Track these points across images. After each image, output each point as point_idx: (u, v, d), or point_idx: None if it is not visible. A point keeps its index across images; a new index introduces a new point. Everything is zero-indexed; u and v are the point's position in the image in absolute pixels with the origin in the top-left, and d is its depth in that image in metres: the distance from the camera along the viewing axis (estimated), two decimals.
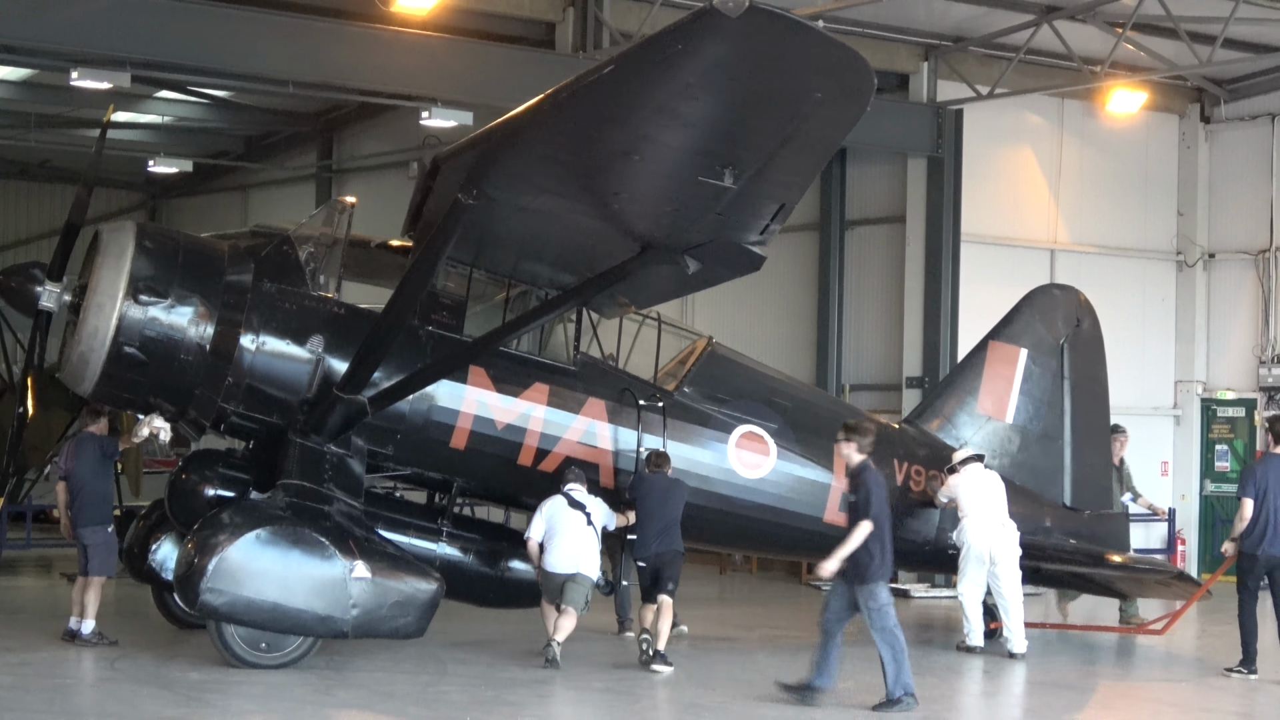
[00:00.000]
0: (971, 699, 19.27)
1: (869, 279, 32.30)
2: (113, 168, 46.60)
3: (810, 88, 15.03)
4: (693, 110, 15.31)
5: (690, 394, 21.28)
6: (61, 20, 25.36)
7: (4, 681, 17.13)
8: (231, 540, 17.33)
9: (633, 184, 16.97)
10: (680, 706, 17.09)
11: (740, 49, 14.31)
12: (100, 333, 18.06)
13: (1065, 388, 24.04)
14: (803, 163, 16.59)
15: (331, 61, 28.10)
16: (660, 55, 14.62)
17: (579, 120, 15.92)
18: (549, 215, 18.16)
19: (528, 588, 20.34)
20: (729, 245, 18.16)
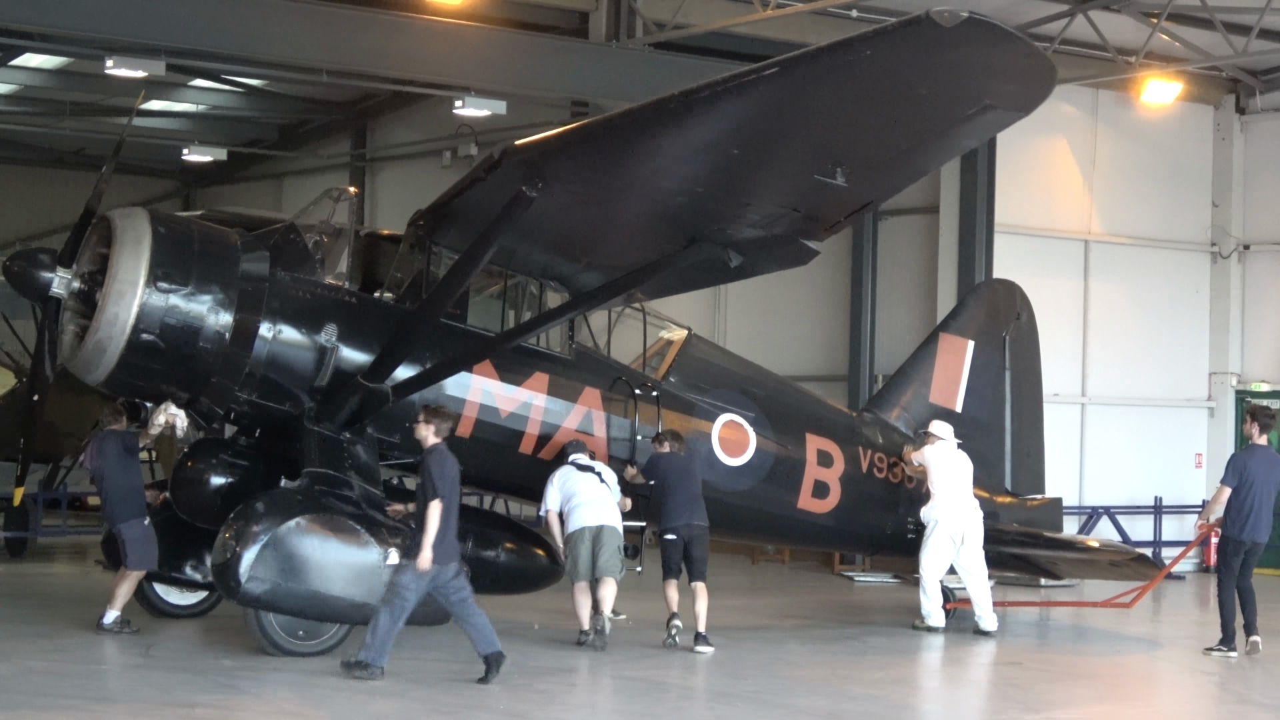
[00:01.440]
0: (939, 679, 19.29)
1: (902, 269, 32.25)
2: (147, 156, 46.79)
3: (984, 94, 15.25)
4: (849, 113, 15.45)
5: (675, 383, 21.53)
6: (96, 8, 25.46)
7: (38, 667, 17.21)
8: (272, 528, 17.39)
9: (726, 180, 17.14)
10: (712, 695, 17.10)
11: (938, 57, 14.48)
12: (120, 320, 17.85)
13: (1006, 378, 24.94)
14: (925, 164, 16.97)
15: (365, 50, 28.15)
16: (843, 60, 14.76)
17: (707, 119, 16.02)
18: (602, 210, 18.28)
19: (523, 573, 20.80)
20: (787, 240, 18.37)
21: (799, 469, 22.41)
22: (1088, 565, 24.98)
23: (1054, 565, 24.65)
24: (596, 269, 20.08)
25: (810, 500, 22.47)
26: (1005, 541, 23.63)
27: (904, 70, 14.77)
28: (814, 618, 23.72)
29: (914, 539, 23.04)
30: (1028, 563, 24.56)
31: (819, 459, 22.55)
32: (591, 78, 30.05)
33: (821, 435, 22.71)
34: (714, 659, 19.21)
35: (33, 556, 28.87)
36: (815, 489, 22.49)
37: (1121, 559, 24.14)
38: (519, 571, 21.02)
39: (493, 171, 17.71)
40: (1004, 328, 25.07)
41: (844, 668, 19.12)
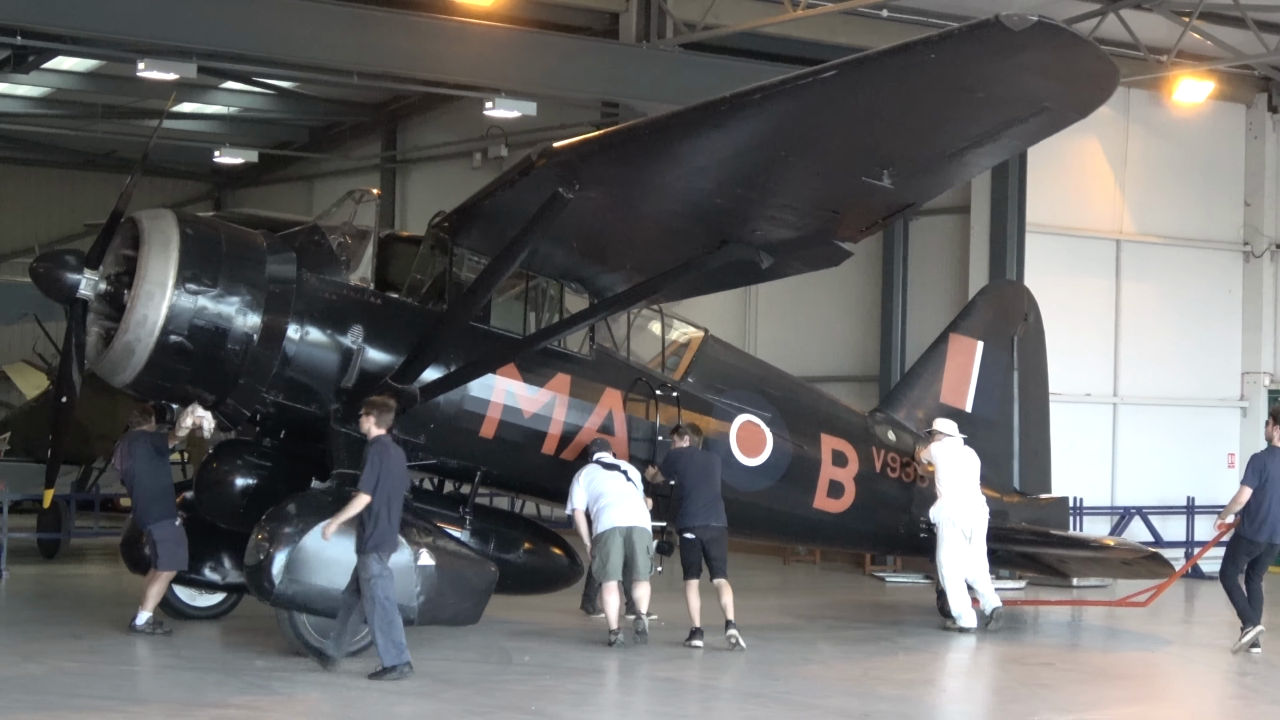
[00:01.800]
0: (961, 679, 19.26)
1: (933, 270, 32.19)
2: (178, 158, 47.02)
3: (1043, 97, 15.30)
4: (904, 115, 15.50)
5: (693, 384, 21.56)
6: (128, 11, 25.56)
7: (71, 668, 17.27)
8: (306, 530, 17.43)
9: (770, 183, 17.19)
10: (743, 695, 17.09)
11: (1002, 61, 14.53)
12: (150, 321, 17.80)
13: (1014, 378, 25.16)
14: (973, 167, 17.06)
15: (396, 52, 28.21)
16: (904, 63, 14.80)
17: (759, 121, 16.08)
18: (635, 212, 18.31)
19: (544, 573, 20.81)
20: (821, 241, 18.45)
21: (814, 469, 22.51)
22: (1099, 564, 25.14)
23: (1062, 564, 24.80)
24: (619, 270, 20.11)
25: (825, 500, 22.58)
26: (1018, 540, 23.80)
27: (965, 73, 14.78)
28: (845, 618, 23.69)
29: (926, 538, 23.19)
30: (1036, 561, 24.72)
31: (834, 459, 22.64)
32: (622, 78, 30.08)
33: (836, 435, 22.80)
34: (745, 659, 19.20)
35: (66, 558, 28.98)
36: (830, 489, 22.60)
37: (1134, 557, 24.24)
38: (539, 571, 21.04)
39: (529, 173, 17.73)
40: (1012, 328, 25.33)
41: (876, 668, 19.10)
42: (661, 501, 20.49)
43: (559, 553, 21.20)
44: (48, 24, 27.55)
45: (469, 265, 19.86)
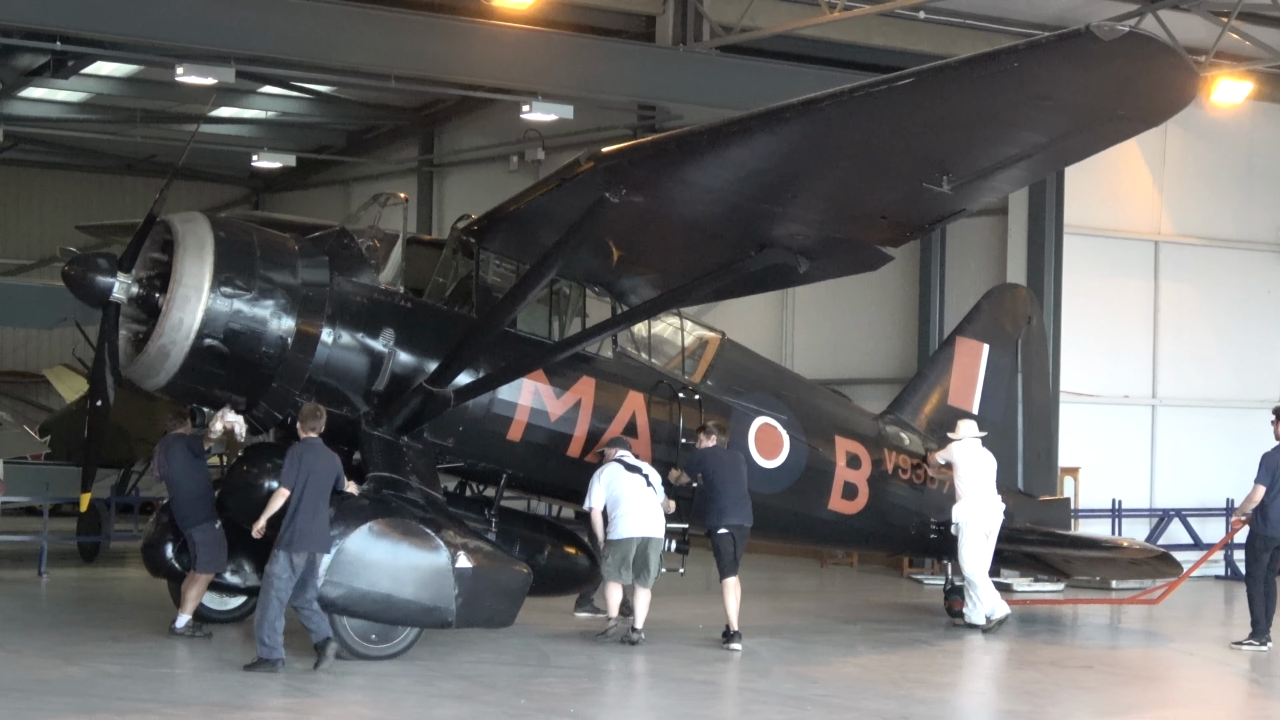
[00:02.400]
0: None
1: (971, 271, 32.13)
2: (216, 162, 47.20)
3: (1119, 106, 15.36)
4: (977, 123, 15.58)
5: (712, 386, 21.63)
6: (166, 16, 25.64)
7: (112, 670, 17.34)
8: (347, 533, 17.50)
9: (828, 189, 17.26)
10: (781, 698, 17.08)
11: (1087, 70, 14.57)
12: (185, 325, 17.80)
13: (1018, 380, 25.45)
14: (1036, 173, 17.19)
15: (433, 56, 28.27)
16: (985, 72, 14.85)
17: (825, 128, 16.12)
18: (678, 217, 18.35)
19: (568, 575, 21.02)
20: (864, 246, 18.53)
21: (829, 471, 22.68)
22: (1107, 564, 25.29)
23: (1067, 564, 25.08)
24: (653, 274, 20.16)
25: (840, 501, 22.76)
26: (1027, 541, 24.00)
27: (1047, 81, 14.82)
28: (883, 620, 23.65)
29: (936, 540, 23.62)
30: (1041, 562, 24.92)
31: (848, 461, 22.78)
32: (659, 81, 30.11)
33: (849, 438, 22.94)
34: (784, 661, 19.18)
35: (105, 561, 29.09)
36: (845, 490, 22.76)
37: (1143, 557, 24.41)
38: (561, 573, 21.12)
39: (575, 176, 17.76)
40: (1017, 331, 25.55)
41: (914, 670, 19.07)
42: (683, 504, 20.54)
43: (580, 554, 21.28)
44: (87, 29, 27.71)
45: (494, 269, 19.92)
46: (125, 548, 29.90)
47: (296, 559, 17.18)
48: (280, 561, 17.17)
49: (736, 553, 20.45)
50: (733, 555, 20.40)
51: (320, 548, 17.34)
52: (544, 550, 20.85)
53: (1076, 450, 30.41)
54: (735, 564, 20.44)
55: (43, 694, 15.94)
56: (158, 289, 18.08)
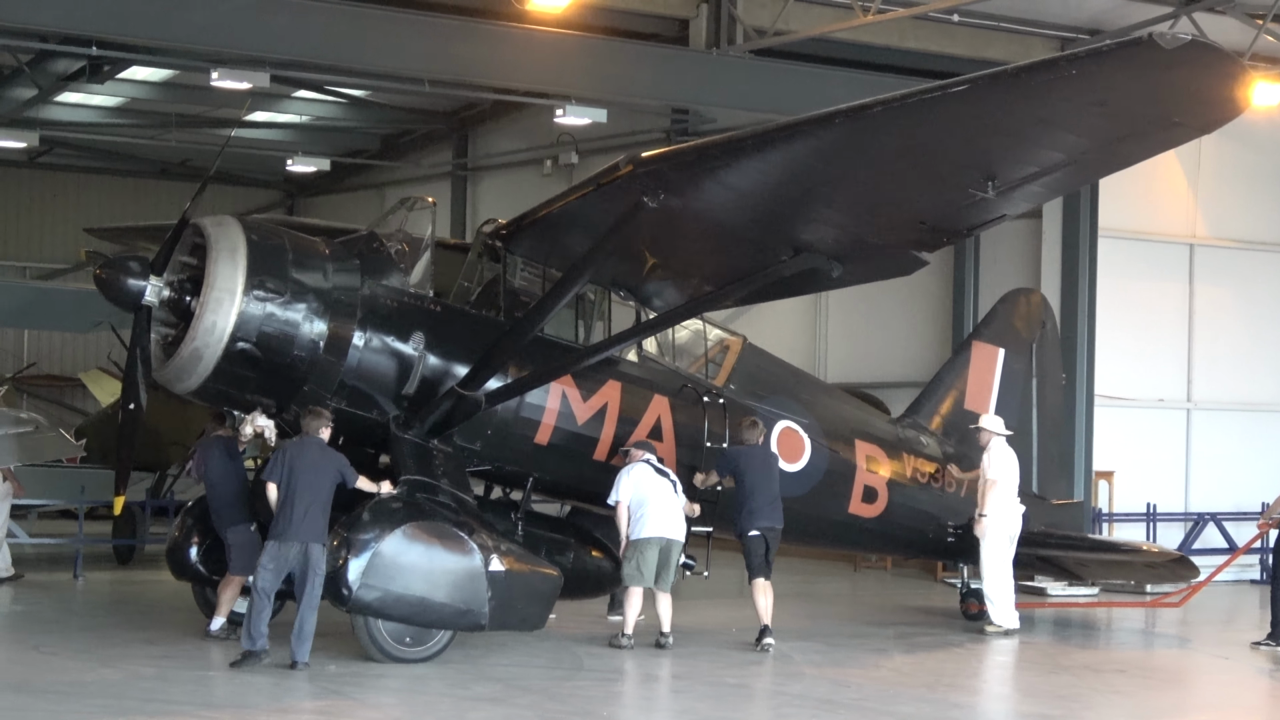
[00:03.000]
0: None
1: (1004, 275, 32.03)
2: (251, 166, 47.34)
3: (1174, 114, 15.34)
4: (1029, 130, 15.64)
5: (735, 390, 21.66)
6: (202, 21, 25.71)
7: (147, 673, 17.41)
8: (382, 536, 17.54)
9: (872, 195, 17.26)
10: (815, 702, 17.08)
11: (1146, 78, 14.55)
12: (218, 328, 17.80)
13: (1033, 385, 25.56)
14: (1084, 179, 17.17)
15: (467, 60, 28.31)
16: (1041, 79, 14.83)
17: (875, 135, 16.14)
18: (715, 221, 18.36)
19: (591, 578, 21.02)
20: (899, 251, 18.53)
21: (850, 474, 22.75)
22: (1123, 567, 25.41)
23: (1083, 568, 25.05)
24: (684, 278, 20.17)
25: (860, 505, 22.83)
26: (1045, 544, 24.05)
27: (1104, 89, 14.80)
28: (916, 624, 23.62)
29: (953, 543, 23.75)
30: (1054, 565, 24.93)
31: (867, 464, 22.83)
32: (692, 85, 30.10)
33: (869, 442, 23.00)
34: (817, 665, 19.17)
35: (140, 564, 29.20)
36: (864, 494, 22.83)
37: (1160, 560, 24.44)
38: (586, 576, 21.16)
39: (612, 180, 17.77)
40: (1032, 335, 25.63)
41: (948, 674, 19.05)
42: (708, 507, 20.56)
43: (604, 557, 21.32)
44: (122, 35, 27.83)
45: (521, 274, 19.95)
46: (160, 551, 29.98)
47: (283, 549, 17.42)
48: (266, 552, 17.56)
49: (768, 555, 20.49)
50: (763, 558, 20.46)
51: (312, 539, 17.47)
52: (569, 553, 20.90)
53: (1111, 454, 30.34)
54: (768, 566, 20.51)
55: (78, 696, 16.01)
56: (190, 292, 18.10)
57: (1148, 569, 24.98)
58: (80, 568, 26.77)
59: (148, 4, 25.52)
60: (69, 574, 26.75)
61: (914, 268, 19.36)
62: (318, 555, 17.50)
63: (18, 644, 19.47)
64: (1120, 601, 26.73)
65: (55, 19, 26.10)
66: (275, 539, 17.53)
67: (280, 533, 17.50)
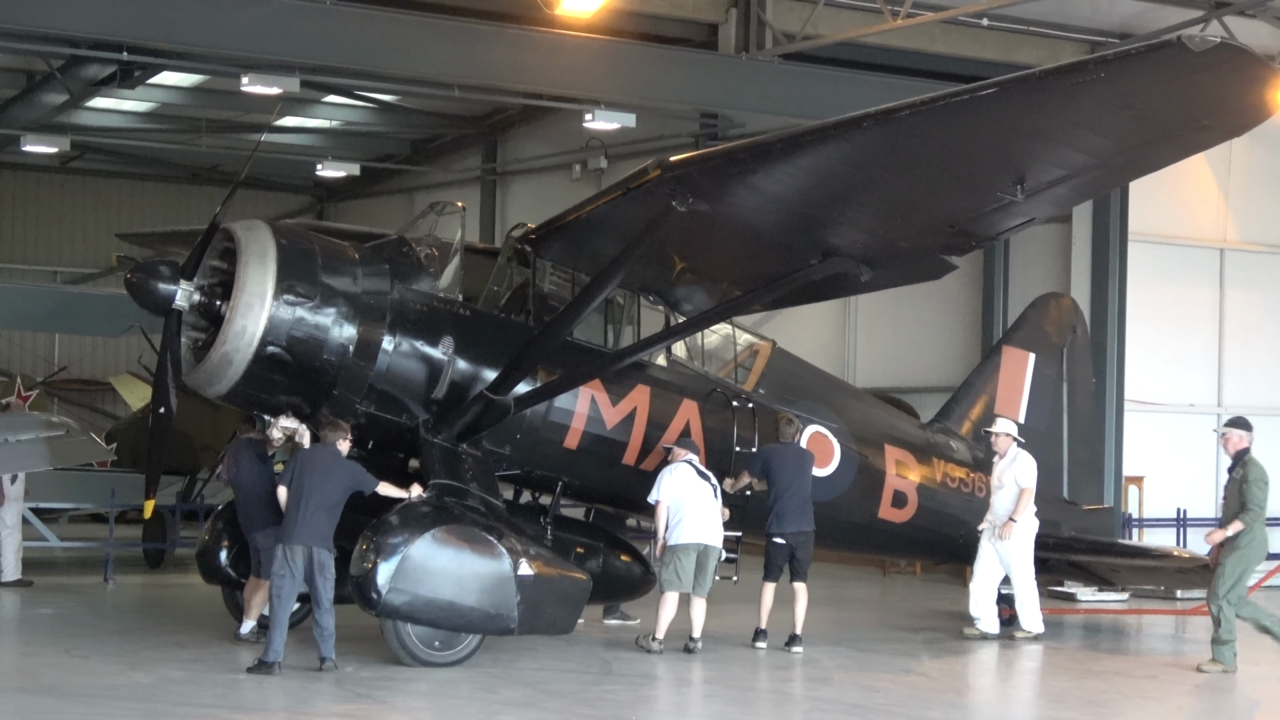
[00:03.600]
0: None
1: (1034, 279, 31.99)
2: (281, 171, 47.48)
3: (1204, 116, 15.36)
4: (1057, 133, 15.68)
5: (765, 394, 21.63)
6: (232, 26, 25.82)
7: (177, 676, 17.44)
8: (411, 540, 17.56)
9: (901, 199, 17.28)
10: (845, 707, 17.06)
11: (1175, 81, 14.54)
12: (248, 332, 17.82)
13: (1063, 389, 25.48)
14: (1113, 182, 17.16)
15: (496, 65, 28.37)
16: (1070, 82, 14.83)
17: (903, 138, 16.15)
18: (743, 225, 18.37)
19: (620, 582, 21.16)
20: (928, 255, 18.53)
21: (879, 479, 22.69)
22: (1154, 573, 25.30)
23: (1114, 573, 24.99)
24: (712, 282, 20.18)
25: (890, 510, 22.80)
26: (1074, 549, 23.95)
27: (1133, 92, 14.81)
28: (946, 629, 23.57)
29: None
30: (1086, 570, 24.84)
31: (897, 469, 22.78)
32: (721, 90, 30.13)
33: (898, 446, 22.95)
34: (845, 670, 19.15)
35: (171, 567, 29.28)
36: (894, 499, 22.80)
37: (1191, 566, 24.15)
38: (614, 581, 21.18)
39: (641, 184, 17.79)
40: (1062, 340, 25.57)
41: (978, 680, 19.03)
42: (737, 511, 20.57)
43: (634, 562, 21.33)
44: (153, 40, 27.95)
45: (550, 278, 19.97)
46: (190, 554, 30.07)
47: (289, 552, 17.53)
48: (276, 557, 17.71)
49: (799, 558, 20.58)
50: (781, 565, 20.59)
51: (316, 543, 17.57)
52: (597, 557, 20.95)
53: (1141, 459, 30.27)
54: (798, 571, 20.63)
55: (109, 699, 16.06)
56: (220, 297, 18.14)
57: (1179, 575, 24.86)
58: (111, 571, 26.84)
59: (179, 9, 25.62)
60: (99, 577, 26.83)
61: (943, 272, 19.38)
62: (324, 559, 17.61)
63: (49, 647, 19.53)
64: (1162, 609, 26.53)
65: (87, 24, 26.24)
66: (281, 542, 17.69)
67: (285, 535, 17.66)
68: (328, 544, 17.69)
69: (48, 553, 29.33)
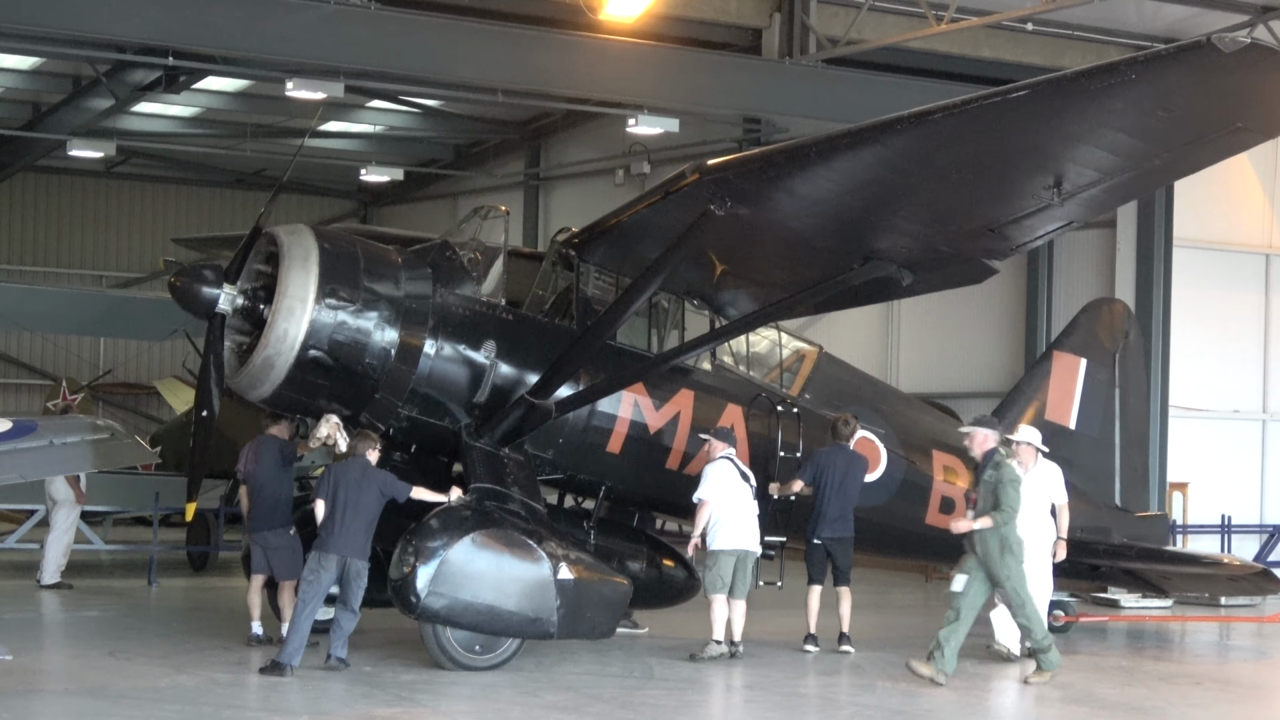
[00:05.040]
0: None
1: (1078, 284, 31.93)
2: (326, 176, 47.64)
3: (1237, 118, 15.29)
4: (1089, 135, 15.62)
5: (810, 400, 21.54)
6: (277, 32, 25.94)
7: (221, 679, 17.51)
8: (450, 544, 17.60)
9: (936, 202, 17.25)
10: (888, 713, 17.02)
11: (1206, 82, 14.50)
12: (290, 336, 17.90)
13: (1116, 395, 25.10)
14: (1149, 185, 17.12)
15: (540, 70, 28.42)
16: (1101, 84, 14.80)
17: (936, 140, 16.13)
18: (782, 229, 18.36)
19: (664, 587, 21.15)
20: (969, 259, 18.49)
21: (927, 485, 22.54)
22: (1207, 580, 25.00)
23: (1166, 580, 24.67)
24: (753, 286, 20.16)
25: (938, 516, 22.50)
26: (1124, 556, 23.73)
27: (1164, 93, 14.76)
28: (989, 636, 23.45)
29: None
30: (1137, 578, 24.57)
31: (945, 475, 22.63)
32: (765, 94, 30.13)
33: (946, 452, 22.75)
34: (889, 675, 19.11)
35: (214, 570, 29.39)
36: (942, 504, 22.57)
37: (1243, 573, 24.13)
38: (658, 585, 21.17)
39: (679, 189, 17.79)
40: (1114, 345, 25.26)
41: (1022, 687, 18.91)
42: (781, 516, 20.55)
43: (677, 566, 21.31)
44: (198, 45, 28.09)
45: (594, 282, 19.97)
46: (233, 557, 30.16)
47: (323, 560, 17.71)
48: (309, 563, 17.92)
49: (838, 563, 20.64)
50: (821, 566, 20.64)
51: (351, 553, 17.74)
52: (641, 561, 20.94)
53: (1186, 465, 30.16)
54: (841, 573, 20.70)
55: (154, 702, 16.13)
56: (263, 300, 18.22)
57: (1230, 582, 24.70)
58: (155, 574, 26.95)
59: (224, 15, 25.74)
60: (144, 580, 26.93)
61: (985, 276, 19.30)
62: (358, 568, 17.80)
63: (94, 649, 19.62)
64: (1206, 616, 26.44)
65: (133, 30, 26.40)
66: (316, 549, 17.86)
67: (320, 544, 17.83)
68: (363, 554, 17.86)
69: (92, 555, 29.48)
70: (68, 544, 25.87)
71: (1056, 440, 24.11)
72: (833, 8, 29.75)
